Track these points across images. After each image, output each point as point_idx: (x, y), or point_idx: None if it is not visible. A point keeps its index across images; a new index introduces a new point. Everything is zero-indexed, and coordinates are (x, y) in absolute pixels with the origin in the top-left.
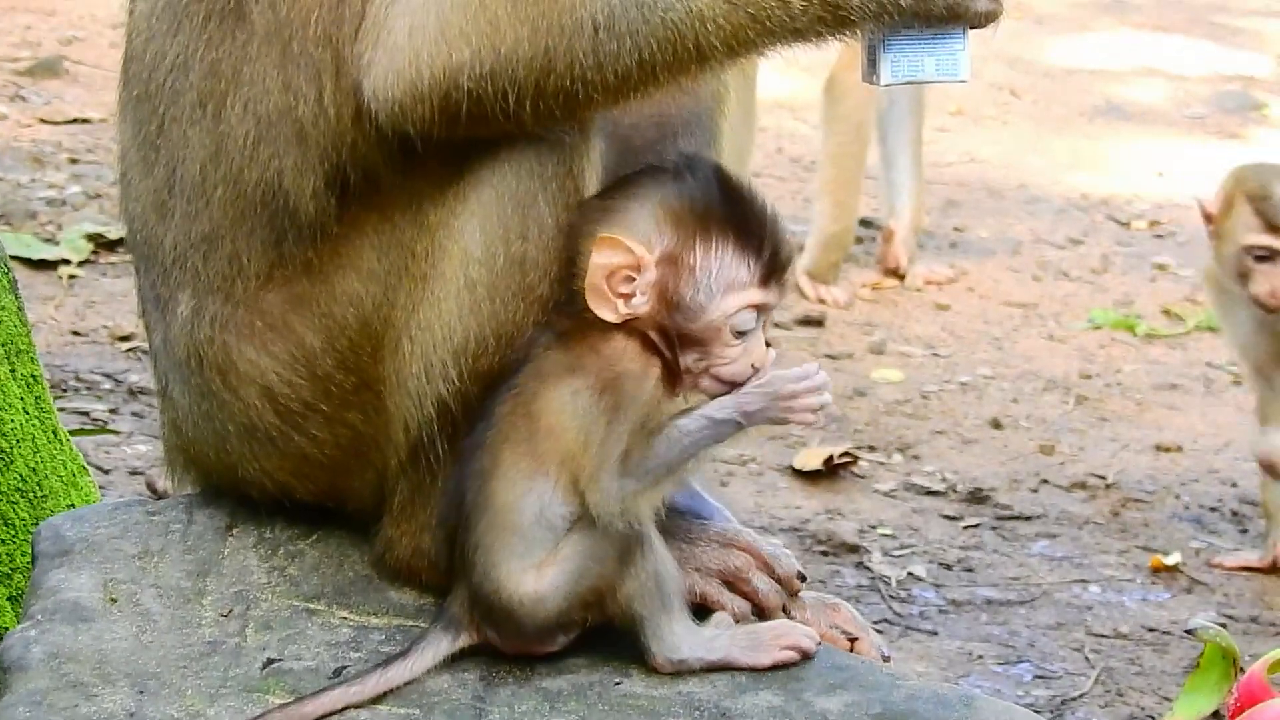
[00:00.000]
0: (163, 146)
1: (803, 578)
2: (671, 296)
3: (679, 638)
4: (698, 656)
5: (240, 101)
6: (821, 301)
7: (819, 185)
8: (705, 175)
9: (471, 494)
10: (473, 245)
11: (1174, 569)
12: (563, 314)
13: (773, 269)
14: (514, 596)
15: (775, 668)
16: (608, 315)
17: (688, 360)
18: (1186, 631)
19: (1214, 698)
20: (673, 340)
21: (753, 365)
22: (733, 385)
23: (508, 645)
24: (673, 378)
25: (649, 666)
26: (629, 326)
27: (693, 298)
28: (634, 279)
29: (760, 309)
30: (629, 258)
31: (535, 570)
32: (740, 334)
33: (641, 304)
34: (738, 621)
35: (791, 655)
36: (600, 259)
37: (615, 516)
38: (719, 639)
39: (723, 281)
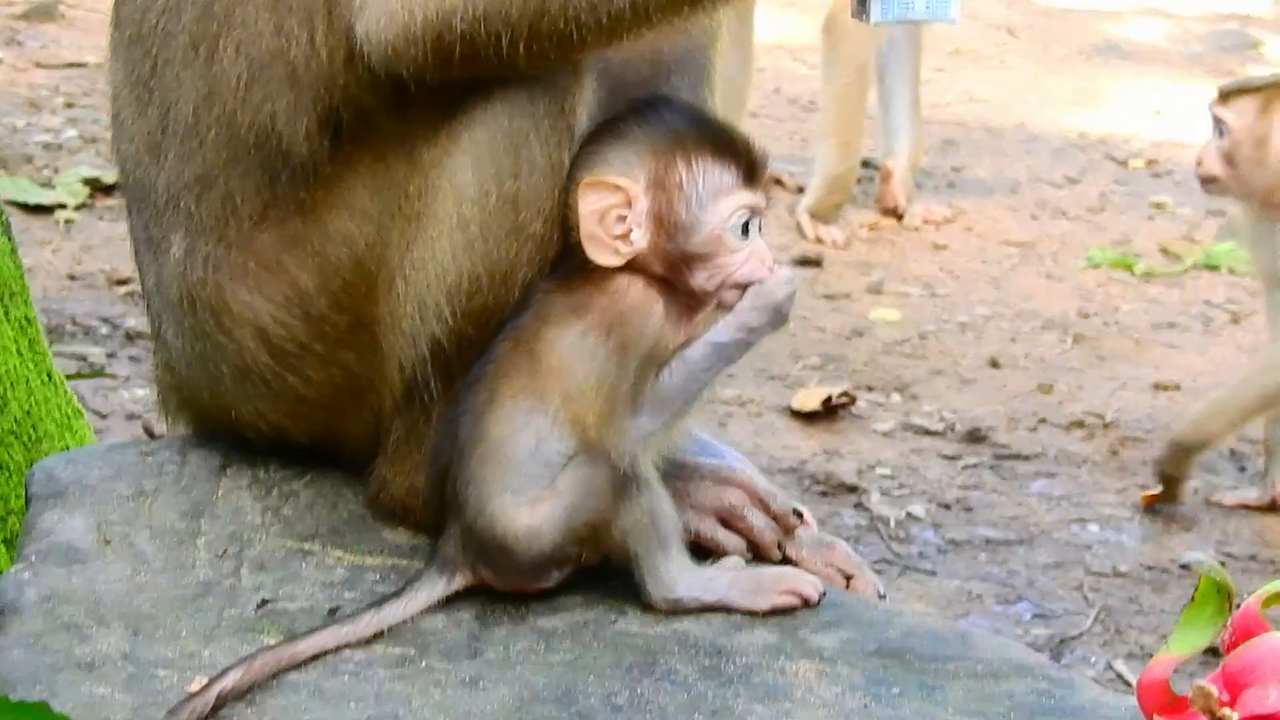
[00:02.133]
0: (155, 88)
1: (799, 515)
2: (667, 219)
3: (674, 576)
4: (693, 596)
5: (233, 43)
6: (819, 241)
7: (822, 127)
8: (669, 104)
9: (466, 429)
10: (465, 184)
11: (1158, 496)
12: (563, 265)
13: (752, 168)
14: (508, 530)
15: (773, 612)
16: (610, 260)
17: (700, 280)
18: (1182, 565)
19: (1209, 632)
20: (679, 266)
21: (764, 264)
22: (751, 284)
23: (502, 582)
24: (681, 310)
25: (644, 605)
26: (631, 267)
27: (688, 213)
28: (626, 215)
29: (752, 210)
30: (616, 195)
31: (529, 505)
32: (742, 236)
33: (640, 237)
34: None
35: (791, 600)
36: (588, 204)
37: (635, 456)
38: (718, 580)
39: (710, 189)
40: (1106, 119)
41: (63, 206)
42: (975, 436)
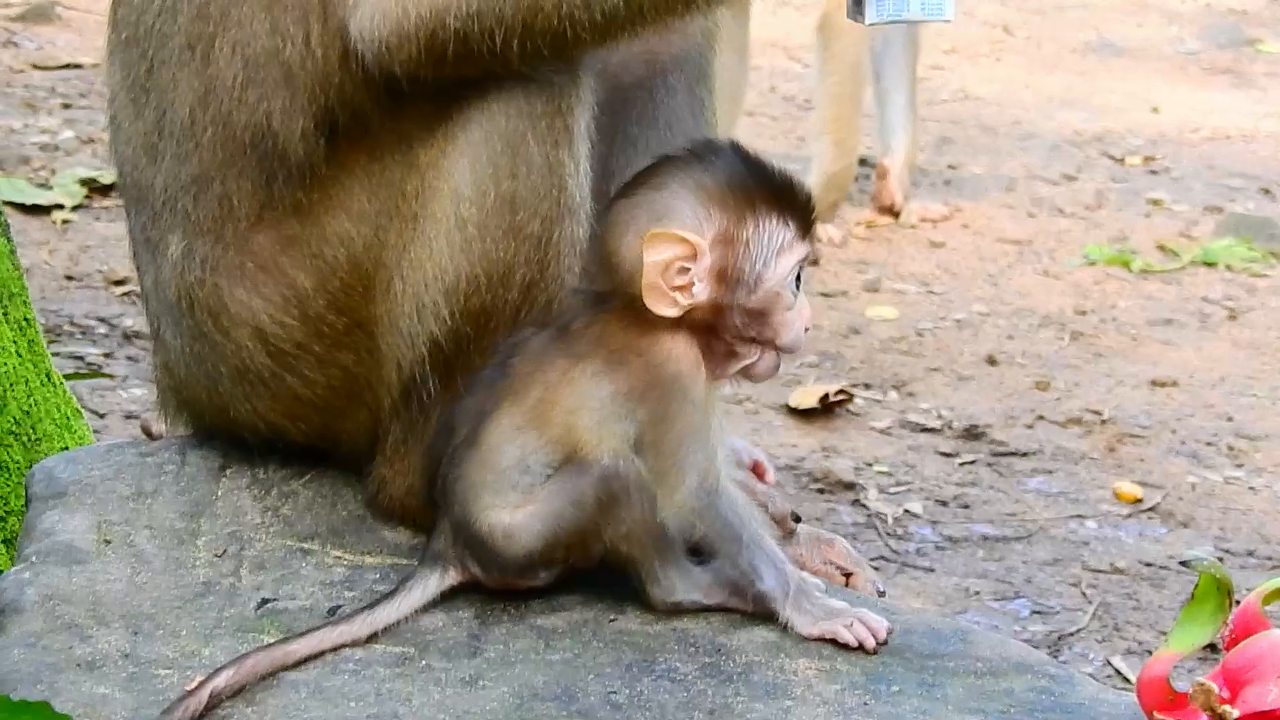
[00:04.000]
0: (152, 89)
1: (797, 518)
2: (731, 275)
3: (673, 580)
4: (694, 600)
5: (228, 44)
6: (816, 239)
7: (818, 125)
8: (726, 152)
9: (464, 430)
10: (462, 184)
11: (1136, 499)
12: (603, 301)
13: (806, 220)
14: (487, 526)
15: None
16: (668, 311)
17: (750, 333)
18: (1181, 563)
19: (1209, 629)
20: (732, 320)
21: (805, 327)
22: (789, 352)
23: (489, 578)
24: (717, 360)
25: (644, 603)
26: (677, 321)
27: (751, 270)
28: (688, 269)
29: (804, 262)
30: (684, 248)
31: (512, 508)
32: (795, 289)
33: (701, 291)
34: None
35: None
36: (654, 255)
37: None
38: (718, 588)
39: (775, 246)
40: (1103, 116)
41: (60, 207)
42: (972, 433)
